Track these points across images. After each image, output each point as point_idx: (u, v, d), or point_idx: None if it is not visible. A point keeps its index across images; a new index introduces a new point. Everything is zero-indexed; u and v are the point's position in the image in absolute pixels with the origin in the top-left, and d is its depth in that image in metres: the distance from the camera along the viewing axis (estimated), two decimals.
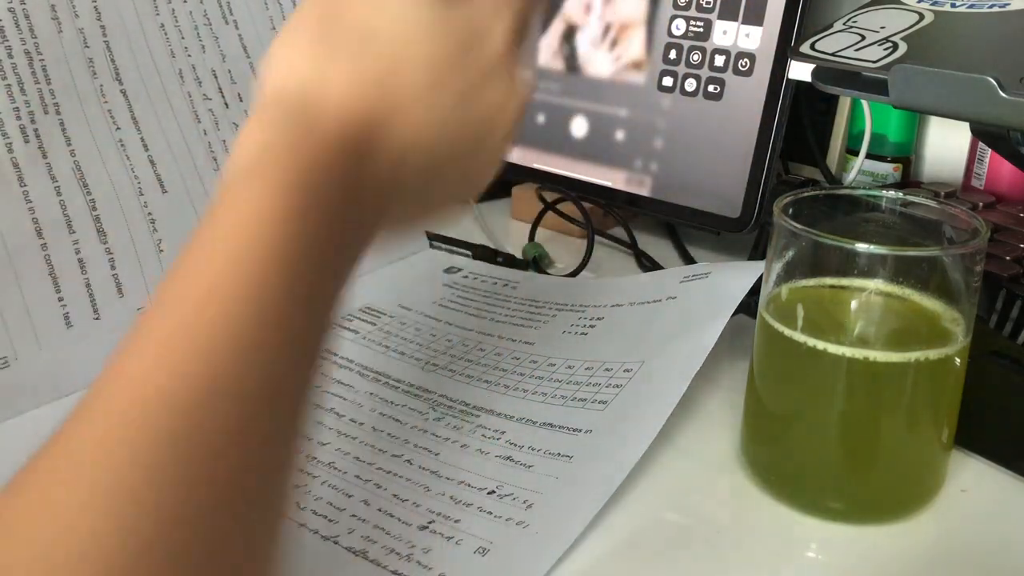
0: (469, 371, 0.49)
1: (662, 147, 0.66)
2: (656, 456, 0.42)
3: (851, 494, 0.39)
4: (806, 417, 0.39)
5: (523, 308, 0.56)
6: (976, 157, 0.68)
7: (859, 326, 0.38)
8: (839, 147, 0.74)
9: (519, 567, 0.35)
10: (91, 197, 0.47)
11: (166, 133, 0.52)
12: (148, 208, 0.50)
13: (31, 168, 0.45)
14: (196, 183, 0.52)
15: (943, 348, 0.37)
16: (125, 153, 0.49)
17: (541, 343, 0.51)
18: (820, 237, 0.36)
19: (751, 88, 0.62)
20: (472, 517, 0.38)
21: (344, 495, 0.39)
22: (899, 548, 0.38)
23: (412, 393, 0.47)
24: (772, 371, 0.40)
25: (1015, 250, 0.50)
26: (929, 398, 0.38)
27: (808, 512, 0.39)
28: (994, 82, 0.37)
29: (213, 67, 0.55)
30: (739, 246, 0.65)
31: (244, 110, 0.56)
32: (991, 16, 0.43)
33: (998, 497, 0.41)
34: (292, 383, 0.26)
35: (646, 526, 0.38)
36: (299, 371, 0.26)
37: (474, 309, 0.56)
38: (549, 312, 0.55)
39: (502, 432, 0.43)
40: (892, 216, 0.41)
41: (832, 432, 0.38)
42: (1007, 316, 0.45)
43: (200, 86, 0.54)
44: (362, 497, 0.39)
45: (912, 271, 0.36)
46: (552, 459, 0.41)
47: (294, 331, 0.26)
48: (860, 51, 0.43)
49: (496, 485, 0.39)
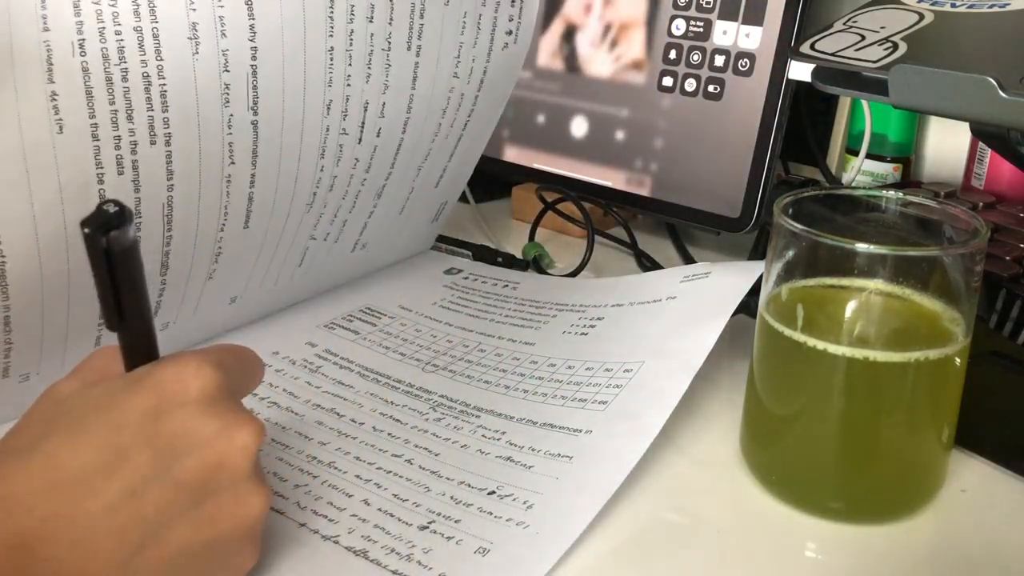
0: (469, 372, 0.49)
1: (662, 147, 0.66)
2: (657, 456, 0.42)
3: (851, 494, 0.39)
4: (806, 417, 0.39)
5: (523, 308, 0.56)
6: (976, 157, 0.68)
7: (859, 326, 0.38)
8: (839, 147, 0.74)
9: (519, 567, 0.35)
10: (170, 233, 0.43)
11: (280, 168, 0.46)
12: (220, 242, 0.46)
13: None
14: (279, 222, 0.49)
15: (943, 348, 0.37)
16: (227, 188, 0.44)
17: (541, 343, 0.51)
18: (820, 237, 0.36)
19: (751, 88, 0.62)
20: (472, 517, 0.38)
21: (344, 495, 0.39)
22: (899, 548, 0.38)
23: (412, 393, 0.47)
24: (772, 371, 0.40)
25: (1015, 250, 0.50)
26: (929, 398, 0.38)
27: (808, 512, 0.39)
28: (994, 82, 0.37)
29: (368, 99, 0.48)
30: (739, 246, 0.66)
31: (374, 146, 0.51)
32: (990, 16, 0.43)
33: (998, 497, 0.41)
34: None
35: (646, 526, 0.39)
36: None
37: (474, 310, 0.56)
38: (549, 312, 0.55)
39: (502, 432, 0.43)
40: (892, 216, 0.41)
41: (832, 432, 0.38)
42: (1007, 316, 0.45)
43: (344, 119, 0.47)
44: (362, 497, 0.39)
45: (912, 271, 0.37)
46: (552, 459, 0.41)
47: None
48: (860, 51, 0.43)
49: (496, 485, 0.40)
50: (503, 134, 0.75)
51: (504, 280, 0.60)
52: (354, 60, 0.46)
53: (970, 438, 0.42)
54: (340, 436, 0.43)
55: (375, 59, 0.47)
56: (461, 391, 0.47)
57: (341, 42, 0.45)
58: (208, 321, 0.50)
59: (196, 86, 0.40)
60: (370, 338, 0.53)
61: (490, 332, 0.53)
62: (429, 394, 0.47)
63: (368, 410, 0.45)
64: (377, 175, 0.53)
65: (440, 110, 0.54)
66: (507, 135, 0.75)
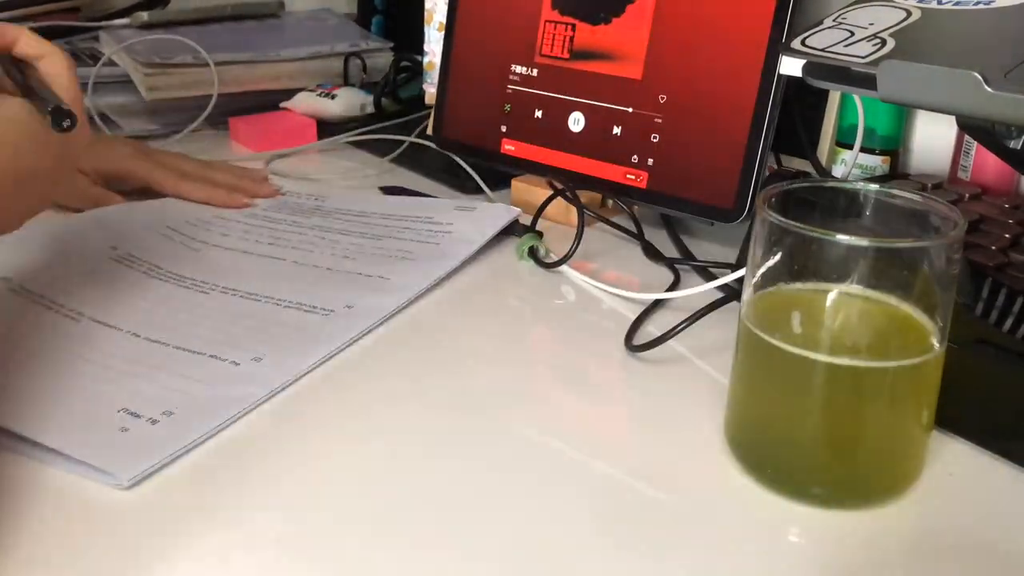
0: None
1: (658, 140, 0.68)
2: (642, 440, 0.44)
3: (833, 480, 0.40)
4: (788, 411, 0.40)
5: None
6: (962, 150, 0.69)
7: (839, 333, 0.39)
8: (829, 140, 0.76)
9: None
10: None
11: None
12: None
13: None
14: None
15: (922, 351, 0.38)
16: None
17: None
18: (803, 229, 0.37)
19: (743, 83, 0.64)
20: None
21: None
22: (882, 531, 0.38)
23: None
24: (753, 371, 0.41)
25: (1000, 240, 0.51)
26: (908, 392, 0.39)
27: (792, 497, 0.40)
28: (979, 77, 0.38)
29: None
30: (733, 236, 0.67)
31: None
32: (976, 13, 0.45)
33: (981, 479, 0.42)
34: None
35: (630, 510, 0.40)
36: None
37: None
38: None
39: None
40: (872, 219, 0.42)
41: (813, 423, 0.39)
42: (992, 304, 0.46)
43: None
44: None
45: (889, 270, 0.37)
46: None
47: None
48: (849, 47, 0.44)
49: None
50: (501, 128, 0.76)
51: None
52: None
53: (957, 424, 0.43)
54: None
55: None
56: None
57: None
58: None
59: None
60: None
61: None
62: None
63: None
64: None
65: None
66: (505, 130, 0.76)
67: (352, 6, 1.21)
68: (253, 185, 0.76)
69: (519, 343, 0.55)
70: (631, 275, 0.63)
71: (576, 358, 0.53)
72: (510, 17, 0.75)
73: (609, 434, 0.45)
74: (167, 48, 0.95)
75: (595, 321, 0.57)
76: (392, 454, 0.43)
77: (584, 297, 0.60)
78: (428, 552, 0.37)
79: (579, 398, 0.49)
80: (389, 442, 0.44)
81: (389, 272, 0.61)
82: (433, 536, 0.38)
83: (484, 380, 0.50)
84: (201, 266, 0.62)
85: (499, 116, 0.76)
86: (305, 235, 0.68)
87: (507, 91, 0.76)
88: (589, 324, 0.57)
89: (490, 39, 0.77)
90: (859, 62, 0.43)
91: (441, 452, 0.43)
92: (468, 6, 0.78)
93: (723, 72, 0.64)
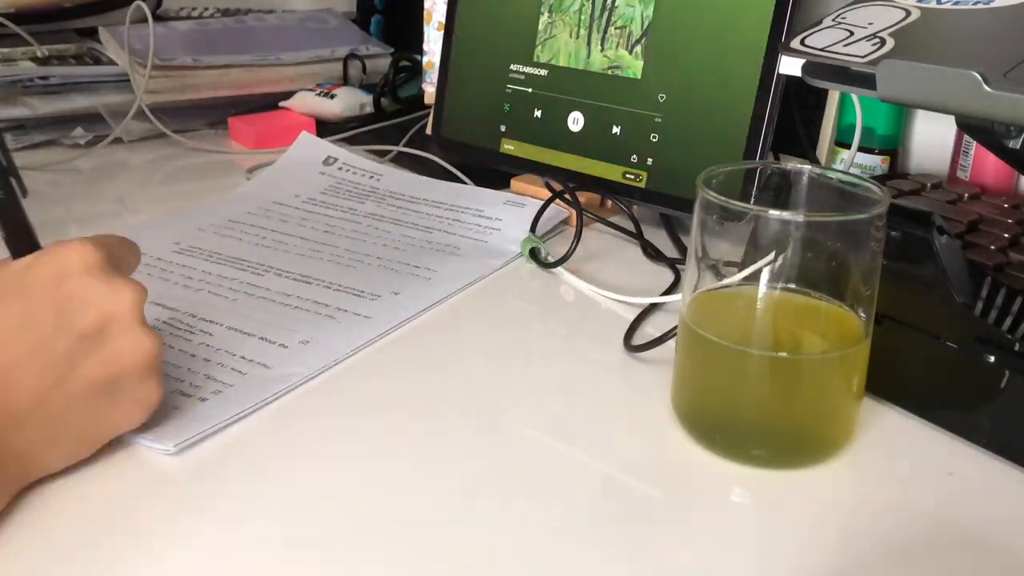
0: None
1: (657, 140, 0.68)
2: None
3: (772, 443, 0.42)
4: (728, 387, 0.43)
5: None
6: (961, 149, 0.69)
7: (770, 327, 0.42)
8: (828, 140, 0.76)
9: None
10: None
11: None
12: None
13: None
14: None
15: (853, 342, 0.41)
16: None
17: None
18: (731, 205, 0.41)
19: (743, 82, 0.64)
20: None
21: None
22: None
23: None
24: (693, 358, 0.44)
25: (999, 239, 0.51)
26: (836, 374, 0.42)
27: (734, 459, 0.42)
28: (979, 76, 0.38)
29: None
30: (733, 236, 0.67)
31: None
32: (975, 12, 0.45)
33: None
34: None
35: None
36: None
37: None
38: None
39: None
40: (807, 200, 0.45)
41: (751, 397, 0.42)
42: (992, 304, 0.46)
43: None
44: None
45: (817, 250, 0.40)
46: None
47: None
48: (849, 46, 0.44)
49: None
50: (501, 128, 0.76)
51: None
52: None
53: (961, 425, 0.44)
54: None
55: None
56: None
57: None
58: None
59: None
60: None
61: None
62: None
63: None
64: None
65: None
66: (504, 130, 0.76)
67: (351, 5, 1.22)
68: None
69: (519, 343, 0.55)
70: (631, 275, 0.63)
71: (576, 358, 0.53)
72: (509, 17, 0.75)
73: (609, 434, 0.45)
74: (168, 49, 0.95)
75: (593, 321, 0.57)
76: (386, 455, 0.43)
77: (583, 298, 0.60)
78: (407, 550, 0.37)
79: (579, 398, 0.49)
80: (385, 441, 0.44)
81: (437, 265, 0.64)
82: (428, 535, 0.38)
83: (484, 380, 0.50)
84: (260, 251, 0.66)
85: (498, 116, 0.76)
86: (359, 224, 0.71)
87: (506, 91, 0.76)
88: (587, 324, 0.57)
89: (489, 39, 0.77)
90: (858, 61, 0.43)
91: (441, 452, 0.43)
92: (468, 6, 0.78)
93: (723, 72, 0.64)
